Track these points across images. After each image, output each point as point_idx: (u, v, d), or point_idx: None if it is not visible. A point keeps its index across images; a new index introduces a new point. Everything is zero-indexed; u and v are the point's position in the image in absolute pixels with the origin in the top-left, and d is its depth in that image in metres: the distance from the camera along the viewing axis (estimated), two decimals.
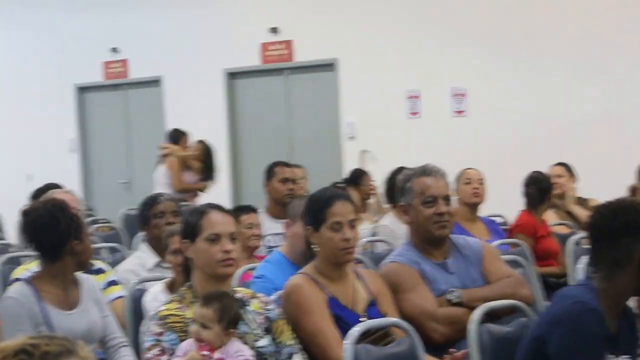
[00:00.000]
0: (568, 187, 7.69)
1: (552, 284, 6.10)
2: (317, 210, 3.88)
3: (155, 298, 4.37)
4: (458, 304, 4.05)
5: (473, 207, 6.41)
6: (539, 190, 6.84)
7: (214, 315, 3.29)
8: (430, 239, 4.20)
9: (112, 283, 4.92)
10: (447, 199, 4.21)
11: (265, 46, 11.72)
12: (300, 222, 4.21)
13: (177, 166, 10.02)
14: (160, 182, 9.99)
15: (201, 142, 10.33)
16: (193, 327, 3.34)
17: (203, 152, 10.22)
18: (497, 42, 10.11)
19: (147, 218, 5.49)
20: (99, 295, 4.17)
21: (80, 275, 4.17)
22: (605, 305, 3.13)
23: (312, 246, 3.89)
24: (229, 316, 3.32)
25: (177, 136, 10.45)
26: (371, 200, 8.55)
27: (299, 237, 4.24)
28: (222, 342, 3.33)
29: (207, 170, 10.26)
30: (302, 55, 11.49)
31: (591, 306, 3.08)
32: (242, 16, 11.84)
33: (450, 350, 3.76)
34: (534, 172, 7.00)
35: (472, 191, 6.39)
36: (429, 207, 4.16)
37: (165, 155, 10.21)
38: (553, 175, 7.64)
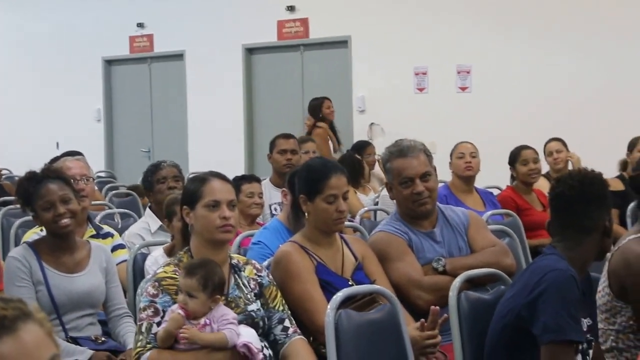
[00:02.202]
0: (571, 155, 7.56)
1: None
2: (313, 181, 3.79)
3: (156, 262, 4.33)
4: (443, 272, 3.99)
5: (467, 179, 6.34)
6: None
7: (197, 285, 3.23)
8: (413, 215, 4.14)
9: (119, 247, 4.90)
10: (425, 175, 4.12)
11: (281, 23, 11.63)
12: (289, 190, 4.15)
13: (323, 137, 9.16)
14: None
15: None
16: (180, 297, 3.28)
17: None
18: (501, 21, 9.99)
19: (150, 183, 5.47)
20: (108, 266, 4.17)
21: (96, 244, 4.21)
22: (574, 270, 3.11)
23: (303, 213, 3.83)
24: (213, 283, 3.26)
25: (316, 106, 9.61)
26: (375, 171, 8.49)
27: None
28: (209, 309, 3.27)
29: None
30: (317, 32, 11.40)
31: (569, 272, 3.06)
32: None
33: (432, 308, 3.67)
34: (515, 148, 6.84)
35: (465, 165, 6.33)
36: (406, 188, 4.10)
37: (312, 128, 9.36)
38: (553, 150, 7.54)
